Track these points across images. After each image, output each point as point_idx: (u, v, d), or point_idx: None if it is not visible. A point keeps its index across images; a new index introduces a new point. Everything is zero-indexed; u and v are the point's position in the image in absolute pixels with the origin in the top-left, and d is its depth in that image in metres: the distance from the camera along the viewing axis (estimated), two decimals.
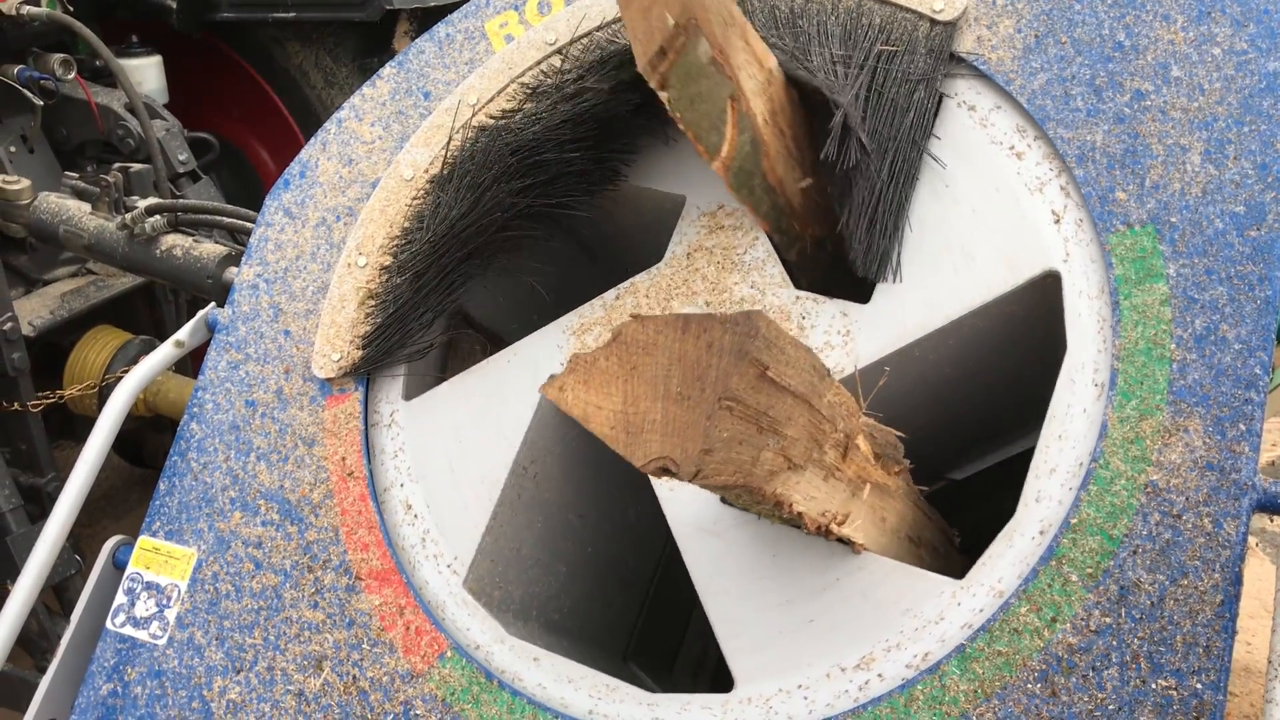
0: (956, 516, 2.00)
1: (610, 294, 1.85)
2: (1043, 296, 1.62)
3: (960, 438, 2.09)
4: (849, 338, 1.68)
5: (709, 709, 1.58)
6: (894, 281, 1.69)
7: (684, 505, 1.67)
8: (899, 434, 1.52)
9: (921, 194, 1.71)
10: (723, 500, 1.65)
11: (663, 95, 1.47)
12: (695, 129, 1.54)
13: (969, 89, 1.74)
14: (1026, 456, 1.56)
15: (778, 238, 1.77)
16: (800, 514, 1.34)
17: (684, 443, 1.12)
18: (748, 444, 1.15)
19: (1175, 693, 1.35)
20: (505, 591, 1.87)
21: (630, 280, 1.85)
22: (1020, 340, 1.74)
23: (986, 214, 1.67)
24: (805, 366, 1.21)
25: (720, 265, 1.79)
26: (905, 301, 1.68)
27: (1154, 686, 1.36)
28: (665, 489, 1.68)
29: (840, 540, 1.47)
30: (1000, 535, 1.51)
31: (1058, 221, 1.62)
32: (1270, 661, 1.28)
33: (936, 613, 1.50)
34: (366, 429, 1.87)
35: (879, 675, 1.50)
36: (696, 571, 1.65)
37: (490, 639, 1.70)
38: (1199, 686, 1.34)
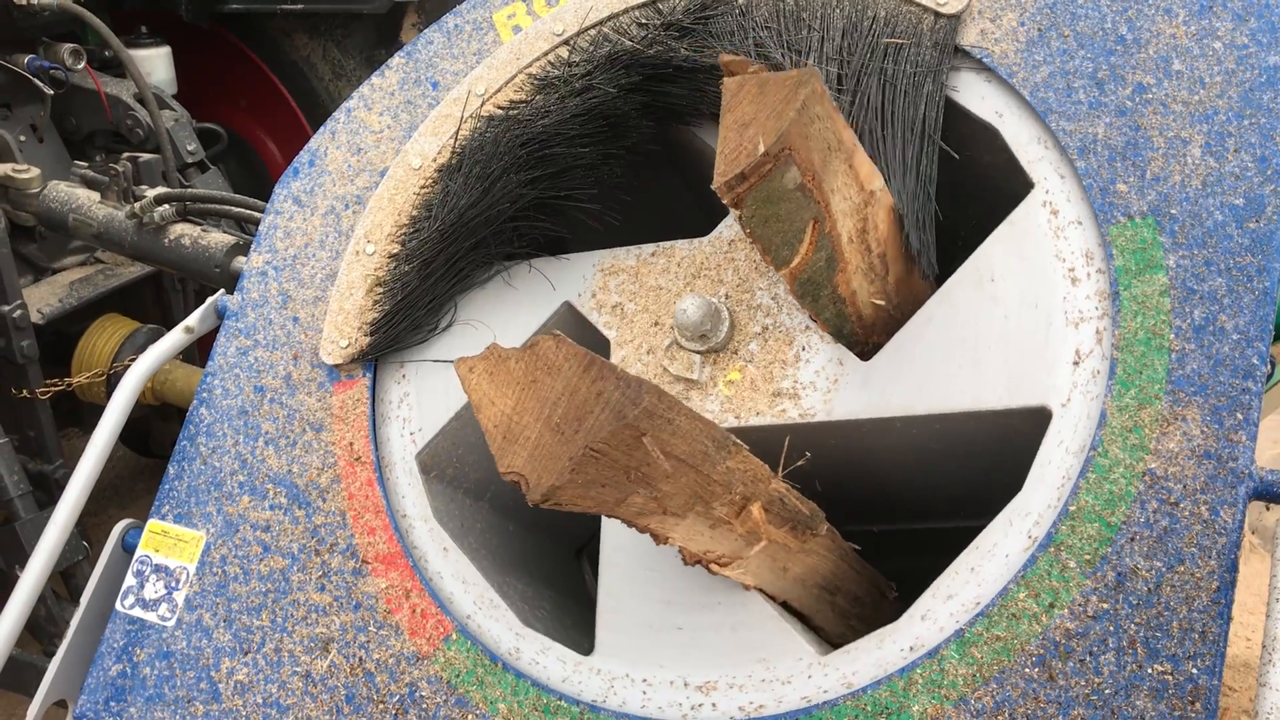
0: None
1: (648, 248, 1.87)
2: (1037, 420, 1.58)
3: (940, 498, 2.07)
4: (834, 387, 1.68)
5: (562, 661, 1.66)
6: (927, 276, 1.71)
7: None
8: (814, 506, 1.54)
9: (965, 277, 1.66)
10: None
11: (733, 211, 1.39)
12: (765, 243, 1.44)
13: (1053, 173, 1.65)
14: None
15: (837, 339, 1.71)
16: (679, 546, 1.38)
17: (542, 471, 1.15)
18: (612, 487, 1.19)
19: (1171, 677, 1.36)
20: (460, 471, 1.93)
21: (672, 242, 1.86)
22: (1010, 439, 1.69)
23: (1015, 327, 1.60)
24: (698, 438, 1.22)
25: (755, 264, 1.80)
26: (900, 375, 1.65)
27: (1150, 671, 1.37)
28: None
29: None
30: (870, 636, 1.54)
31: (1077, 364, 1.55)
32: (1264, 645, 1.30)
33: (786, 674, 1.56)
34: (374, 414, 1.89)
35: (714, 704, 1.57)
36: (608, 537, 1.71)
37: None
38: (1194, 671, 1.36)
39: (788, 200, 1.37)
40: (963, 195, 1.95)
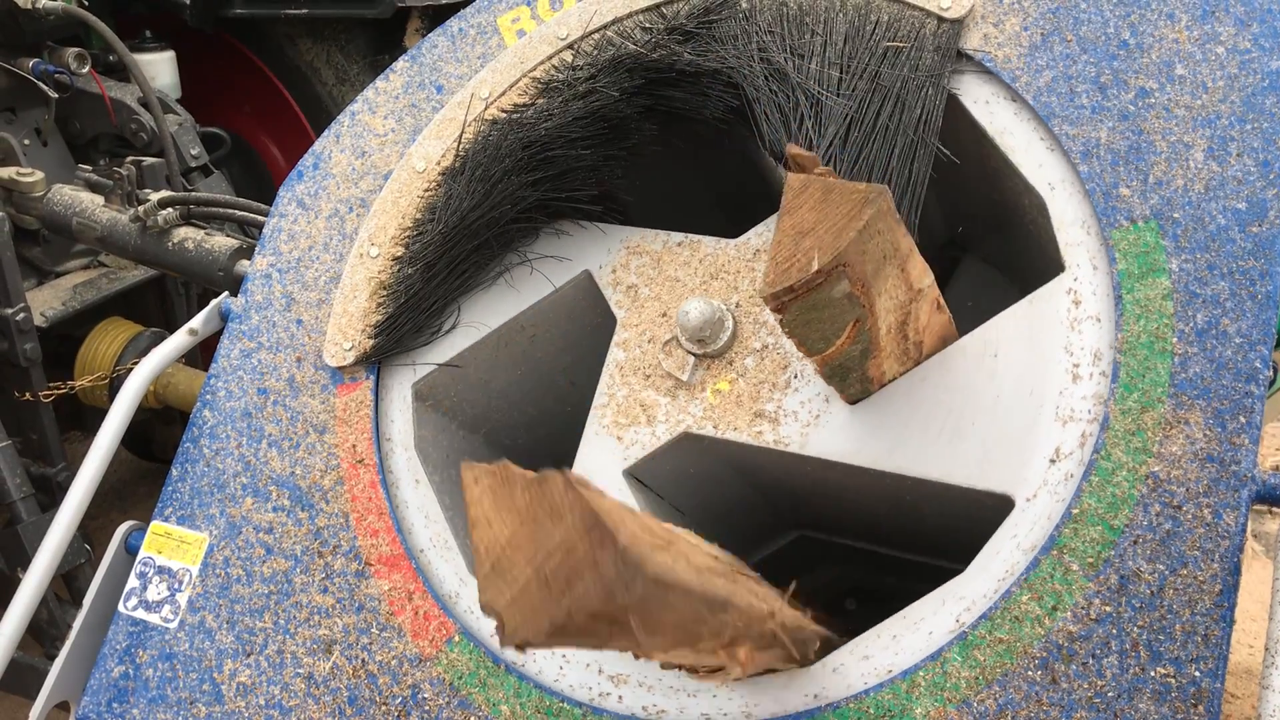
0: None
1: (676, 236, 1.88)
2: (1001, 505, 1.56)
3: (919, 536, 2.07)
4: (815, 422, 1.67)
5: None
6: None
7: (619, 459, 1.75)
8: (826, 633, 1.53)
9: (969, 345, 1.62)
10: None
11: (775, 316, 1.36)
12: (800, 338, 1.42)
13: (1088, 262, 1.60)
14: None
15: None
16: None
17: (520, 622, 1.09)
18: (594, 636, 1.13)
19: (1174, 680, 1.36)
20: (457, 404, 1.95)
21: (700, 238, 1.86)
22: (977, 513, 1.68)
23: (1003, 410, 1.57)
24: (692, 605, 1.14)
25: None
26: (881, 429, 1.63)
27: (1153, 674, 1.37)
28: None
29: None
30: (770, 681, 1.55)
31: (1053, 461, 1.52)
32: (1267, 649, 1.30)
33: (695, 687, 1.59)
34: (377, 417, 1.89)
35: (619, 698, 1.61)
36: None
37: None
38: (1197, 674, 1.36)
39: (832, 306, 1.35)
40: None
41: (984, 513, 1.62)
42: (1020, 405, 1.57)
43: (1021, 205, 1.82)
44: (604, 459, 1.76)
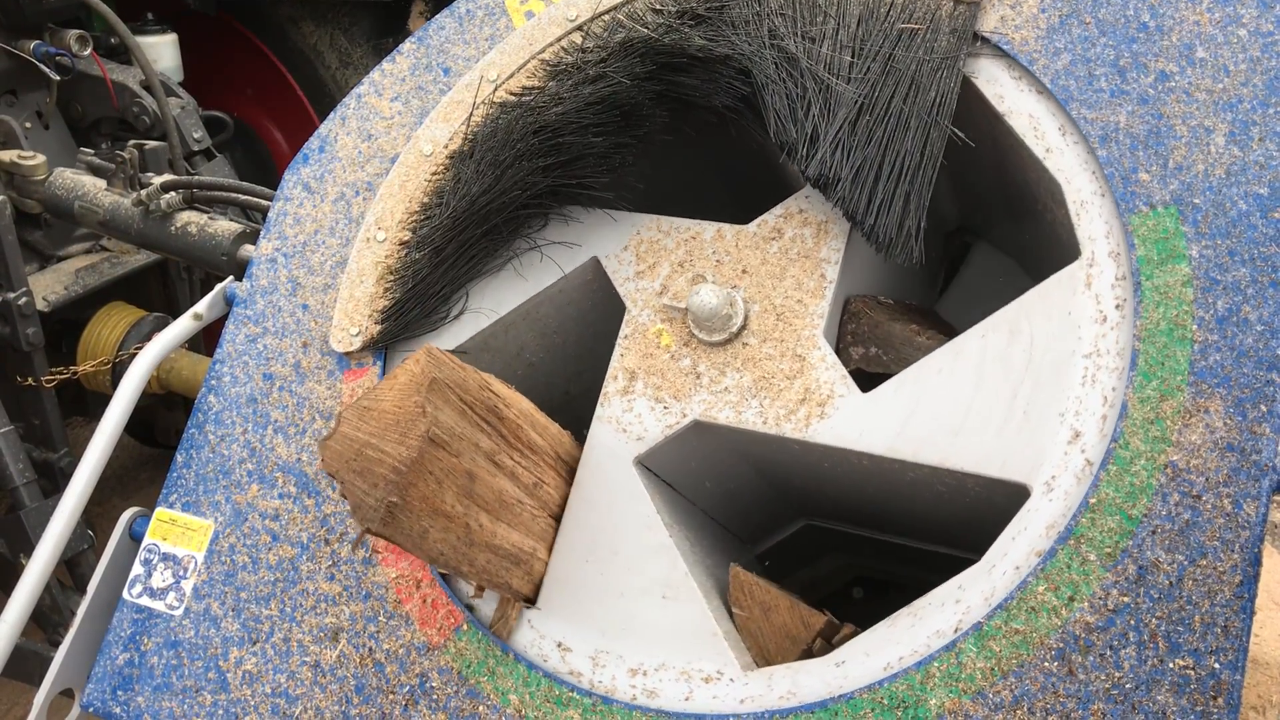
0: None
1: (685, 222, 1.87)
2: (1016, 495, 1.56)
3: (932, 525, 2.07)
4: (825, 408, 1.66)
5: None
6: (909, 262, 1.69)
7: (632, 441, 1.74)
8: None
9: (982, 334, 1.61)
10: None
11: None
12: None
13: (1103, 247, 1.58)
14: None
15: None
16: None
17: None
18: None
19: (1193, 672, 1.35)
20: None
21: (711, 223, 1.85)
22: (991, 499, 1.68)
23: (1022, 404, 1.55)
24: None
25: (784, 270, 1.78)
26: (891, 415, 1.61)
27: (1171, 666, 1.36)
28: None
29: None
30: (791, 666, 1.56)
31: (1070, 452, 1.50)
32: None
33: (701, 680, 1.58)
34: None
35: (649, 688, 1.60)
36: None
37: None
38: (1216, 666, 1.34)
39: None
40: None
41: (998, 501, 1.60)
42: (1035, 392, 1.55)
43: (1036, 190, 1.80)
44: (613, 445, 1.75)
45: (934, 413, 1.60)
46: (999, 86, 1.72)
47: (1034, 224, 1.97)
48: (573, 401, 2.14)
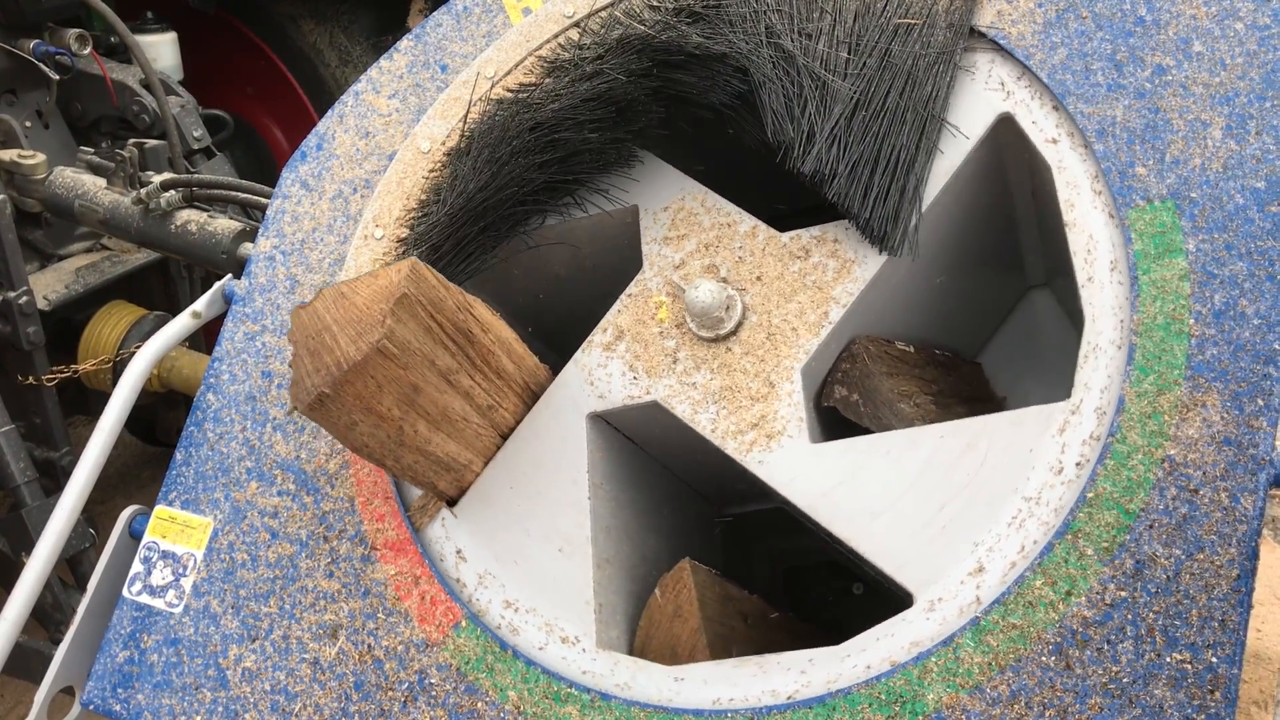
0: None
1: (727, 209, 1.84)
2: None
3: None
4: (769, 441, 1.66)
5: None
6: (902, 255, 1.68)
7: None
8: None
9: (951, 448, 1.57)
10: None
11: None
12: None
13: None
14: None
15: None
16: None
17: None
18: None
19: (1190, 666, 1.35)
20: None
21: (755, 222, 1.82)
22: None
23: (945, 518, 1.53)
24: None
25: (785, 294, 1.75)
26: (826, 476, 1.60)
27: (1169, 660, 1.36)
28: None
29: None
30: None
31: (963, 581, 1.48)
32: None
33: (559, 639, 1.65)
34: None
35: (514, 624, 1.68)
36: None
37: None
38: (1214, 660, 1.34)
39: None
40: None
41: (894, 586, 1.59)
42: (963, 512, 1.52)
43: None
44: (575, 394, 1.78)
45: (864, 491, 1.58)
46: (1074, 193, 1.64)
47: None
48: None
